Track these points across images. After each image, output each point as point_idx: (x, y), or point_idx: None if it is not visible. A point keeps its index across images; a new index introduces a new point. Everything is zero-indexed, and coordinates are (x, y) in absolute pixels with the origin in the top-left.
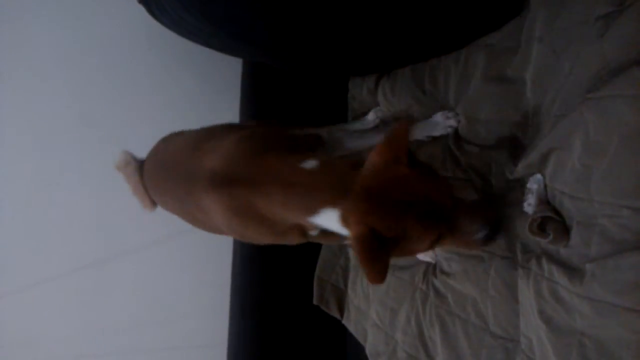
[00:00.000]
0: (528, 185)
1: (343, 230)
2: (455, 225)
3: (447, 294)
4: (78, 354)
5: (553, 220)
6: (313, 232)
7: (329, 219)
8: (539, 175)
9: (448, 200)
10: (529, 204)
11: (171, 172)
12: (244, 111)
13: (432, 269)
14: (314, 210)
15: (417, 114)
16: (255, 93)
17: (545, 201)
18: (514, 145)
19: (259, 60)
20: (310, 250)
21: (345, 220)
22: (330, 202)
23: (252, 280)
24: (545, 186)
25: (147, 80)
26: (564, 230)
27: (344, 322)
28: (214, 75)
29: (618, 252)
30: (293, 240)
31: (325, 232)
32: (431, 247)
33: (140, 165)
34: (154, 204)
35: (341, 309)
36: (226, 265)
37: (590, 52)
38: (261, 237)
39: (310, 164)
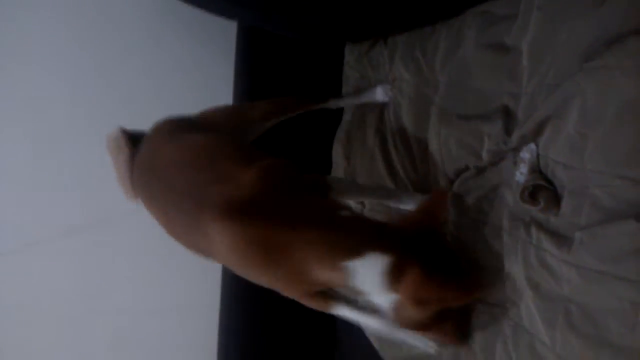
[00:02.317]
0: (521, 155)
1: (377, 285)
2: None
3: None
4: (77, 314)
5: (545, 189)
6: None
7: (372, 267)
8: (532, 145)
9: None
10: (521, 173)
11: (167, 187)
12: (239, 77)
13: None
14: (357, 252)
15: (407, 83)
16: (250, 59)
17: (537, 170)
18: (508, 115)
19: (253, 24)
20: None
21: (394, 272)
22: (378, 249)
23: None
24: (538, 155)
25: (140, 45)
26: (555, 199)
27: None
28: (208, 40)
29: (608, 221)
30: (299, 292)
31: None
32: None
33: (132, 156)
34: (136, 196)
35: None
36: None
37: (588, 21)
38: (263, 279)
39: (345, 213)
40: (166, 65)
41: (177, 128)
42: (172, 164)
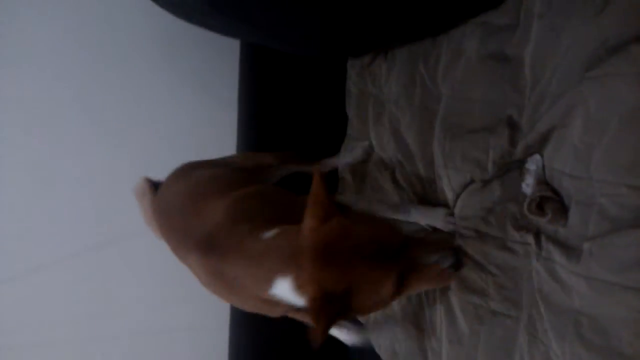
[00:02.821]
0: (526, 166)
1: (298, 299)
2: (415, 261)
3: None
4: (81, 337)
5: (551, 200)
6: (282, 309)
7: (285, 290)
8: (537, 156)
9: (395, 237)
10: (527, 185)
11: (174, 218)
12: (243, 95)
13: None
14: (270, 281)
15: (405, 97)
16: (254, 77)
17: (543, 181)
18: (512, 126)
19: (256, 42)
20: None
21: (298, 288)
22: (281, 271)
23: None
24: (544, 166)
25: (144, 64)
26: (563, 209)
27: None
28: (212, 59)
29: (616, 230)
30: (269, 312)
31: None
32: (397, 291)
33: (155, 196)
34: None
35: None
36: None
37: (588, 29)
38: (241, 306)
39: (270, 233)
40: (170, 84)
41: (189, 168)
42: (174, 205)
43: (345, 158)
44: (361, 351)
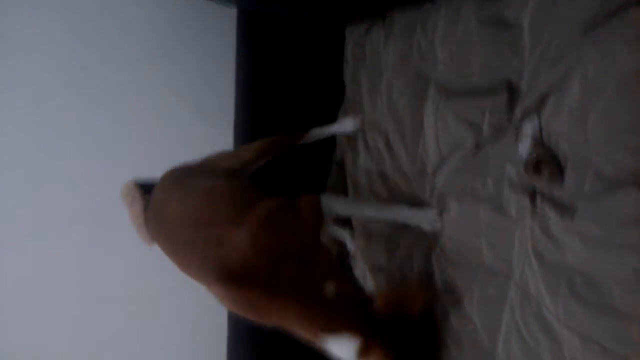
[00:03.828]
0: (523, 128)
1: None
2: None
3: (443, 240)
4: (81, 299)
5: (548, 161)
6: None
7: (343, 346)
8: (535, 118)
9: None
10: (524, 147)
11: (176, 240)
12: (240, 63)
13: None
14: (332, 332)
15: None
16: (251, 45)
17: (540, 143)
18: (511, 89)
19: (254, 7)
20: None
21: (363, 352)
22: (353, 331)
23: None
24: (541, 129)
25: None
26: (559, 170)
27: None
28: (208, 28)
29: (610, 190)
30: None
31: None
32: None
33: (145, 207)
34: (153, 241)
35: None
36: None
37: None
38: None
39: (329, 289)
40: (167, 55)
41: (181, 176)
42: (176, 219)
43: (337, 129)
44: None
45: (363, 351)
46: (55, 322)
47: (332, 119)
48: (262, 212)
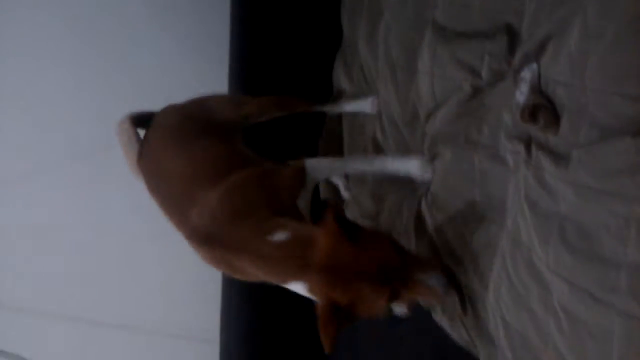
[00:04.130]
0: (522, 74)
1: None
2: (411, 281)
3: (435, 188)
4: (79, 242)
5: (545, 108)
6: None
7: (298, 289)
8: (534, 64)
9: (394, 259)
10: (522, 93)
11: (167, 190)
12: (234, 39)
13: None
14: (283, 281)
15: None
16: (245, 21)
17: (537, 90)
18: (511, 33)
19: None
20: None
21: (311, 291)
22: (296, 276)
23: None
24: (539, 75)
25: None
26: (555, 118)
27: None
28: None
29: (605, 138)
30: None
31: None
32: (391, 301)
33: (140, 148)
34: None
35: None
36: None
37: None
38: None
39: (280, 236)
40: (161, 29)
41: (178, 124)
42: (166, 172)
43: (353, 108)
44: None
45: (311, 293)
46: (56, 260)
47: (329, 64)
48: (237, 178)
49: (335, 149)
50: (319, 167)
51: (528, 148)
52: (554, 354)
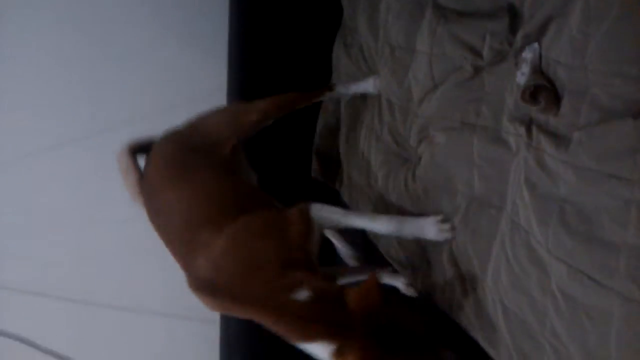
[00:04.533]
0: (523, 55)
1: None
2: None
3: (430, 168)
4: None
5: (545, 89)
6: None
7: (320, 351)
8: (535, 45)
9: (419, 327)
10: (523, 73)
11: (167, 225)
12: (233, 36)
13: (417, 140)
14: (307, 339)
15: None
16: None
17: (539, 70)
18: (513, 13)
19: None
20: (308, 123)
21: (340, 355)
22: (327, 337)
23: None
24: (541, 56)
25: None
26: (556, 99)
27: (340, 190)
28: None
29: (606, 120)
30: None
31: None
32: None
33: (140, 177)
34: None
35: (338, 180)
36: None
37: None
38: None
39: (301, 294)
40: (159, 29)
41: (177, 154)
42: (168, 208)
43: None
44: None
45: (338, 354)
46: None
47: (329, 48)
48: (241, 225)
49: (331, 143)
50: (325, 217)
51: (529, 130)
52: (552, 337)
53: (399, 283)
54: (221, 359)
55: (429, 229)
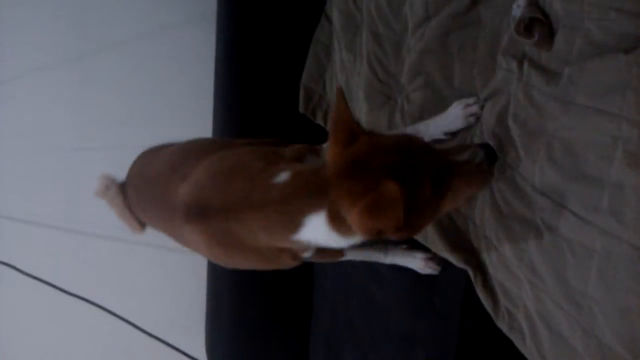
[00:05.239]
0: None
1: (333, 238)
2: (448, 162)
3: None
4: (74, 147)
5: (540, 22)
6: (306, 254)
7: (316, 228)
8: None
9: (420, 143)
10: (518, 6)
11: (153, 196)
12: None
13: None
14: (297, 223)
15: None
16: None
17: (534, 3)
18: None
19: None
20: (295, 59)
21: (335, 217)
22: (312, 207)
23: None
24: None
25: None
26: (550, 33)
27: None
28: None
29: (598, 55)
30: (286, 264)
31: (319, 249)
32: (440, 195)
33: (122, 186)
34: (142, 225)
35: (326, 118)
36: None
37: None
38: (250, 265)
39: (282, 177)
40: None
41: (156, 149)
42: (156, 172)
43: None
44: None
45: (332, 218)
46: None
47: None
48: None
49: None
50: None
51: (520, 65)
52: (527, 269)
53: (416, 261)
54: (208, 290)
55: (457, 118)
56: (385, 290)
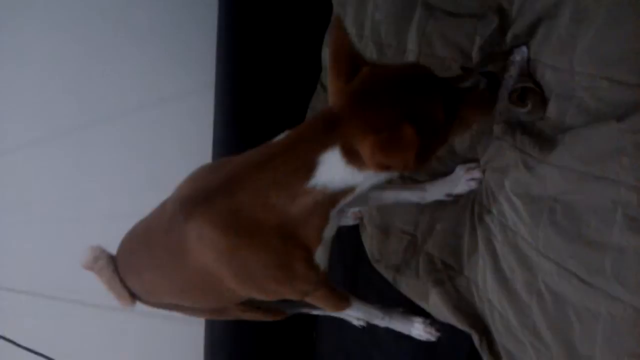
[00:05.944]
0: (511, 57)
1: (350, 173)
2: (454, 88)
3: None
4: (71, 217)
5: (533, 92)
6: (319, 252)
7: (333, 165)
8: (524, 47)
9: (425, 69)
10: (511, 76)
11: (146, 247)
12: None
13: None
14: (311, 165)
15: None
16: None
17: (527, 73)
18: (502, 15)
19: None
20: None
21: (349, 150)
22: (325, 145)
23: None
24: (529, 59)
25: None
26: (542, 102)
27: None
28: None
29: (591, 123)
30: (298, 272)
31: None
32: (451, 120)
33: (112, 257)
34: (132, 298)
35: None
36: None
37: None
38: (261, 266)
39: (281, 135)
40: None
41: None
42: (147, 229)
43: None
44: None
45: (345, 152)
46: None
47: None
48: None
49: None
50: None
51: (513, 132)
52: (532, 336)
53: (414, 327)
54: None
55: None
56: (385, 355)
